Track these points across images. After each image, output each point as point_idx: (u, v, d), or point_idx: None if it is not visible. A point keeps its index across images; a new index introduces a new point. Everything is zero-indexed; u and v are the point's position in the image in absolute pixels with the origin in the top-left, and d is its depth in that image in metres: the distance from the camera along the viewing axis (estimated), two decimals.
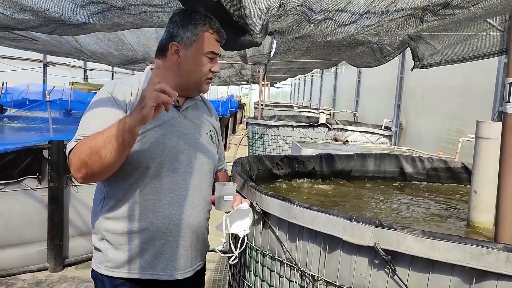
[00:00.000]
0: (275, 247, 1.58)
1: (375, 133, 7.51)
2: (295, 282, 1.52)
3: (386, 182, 2.98)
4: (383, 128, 8.16)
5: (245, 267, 1.79)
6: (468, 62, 4.12)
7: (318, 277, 1.43)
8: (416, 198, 2.56)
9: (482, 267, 1.11)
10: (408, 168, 3.06)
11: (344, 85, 15.38)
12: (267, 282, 1.64)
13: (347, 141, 6.26)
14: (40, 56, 11.22)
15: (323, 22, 2.52)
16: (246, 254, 1.76)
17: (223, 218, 1.57)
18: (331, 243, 1.38)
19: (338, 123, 8.58)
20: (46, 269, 3.95)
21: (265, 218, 1.61)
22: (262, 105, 11.24)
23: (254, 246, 1.70)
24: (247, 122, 9.18)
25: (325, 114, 8.55)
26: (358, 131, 7.46)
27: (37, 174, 3.83)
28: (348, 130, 7.50)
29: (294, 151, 5.03)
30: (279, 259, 1.58)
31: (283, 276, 1.56)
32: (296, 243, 1.50)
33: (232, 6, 1.98)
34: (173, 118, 1.62)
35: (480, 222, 1.95)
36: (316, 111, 13.34)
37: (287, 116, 10.59)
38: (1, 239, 3.72)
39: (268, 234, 1.61)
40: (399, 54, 5.01)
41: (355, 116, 12.33)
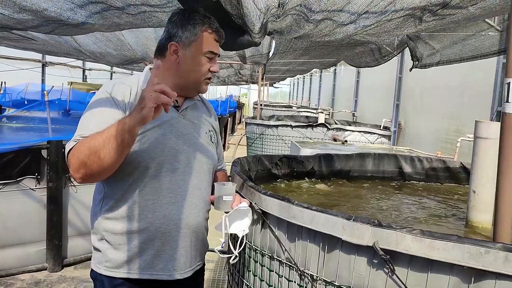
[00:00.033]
0: (274, 246, 1.58)
1: (374, 133, 7.52)
2: (294, 282, 1.52)
3: (385, 182, 2.98)
4: (382, 128, 8.16)
5: (244, 267, 1.79)
6: (466, 62, 4.12)
7: (317, 276, 1.43)
8: (415, 198, 2.56)
9: (480, 267, 1.11)
10: (407, 168, 3.06)
11: (343, 85, 15.39)
12: (266, 282, 1.64)
13: (346, 141, 6.26)
14: (38, 56, 11.20)
15: (322, 22, 2.52)
16: (245, 254, 1.76)
17: (222, 218, 1.57)
18: (330, 242, 1.38)
19: (337, 123, 8.59)
20: (45, 269, 3.95)
21: (264, 218, 1.61)
22: (261, 105, 11.24)
23: (253, 246, 1.70)
24: (246, 122, 9.18)
25: (324, 114, 8.55)
26: (357, 131, 7.46)
27: (36, 174, 3.83)
28: (347, 130, 7.50)
29: (293, 151, 5.03)
30: (278, 258, 1.58)
31: (282, 276, 1.57)
32: (295, 243, 1.50)
33: (231, 6, 1.98)
34: (172, 118, 1.62)
35: (478, 221, 1.95)
36: (315, 111, 13.35)
37: (286, 116, 10.59)
38: (0, 239, 3.71)
39: (267, 234, 1.61)
40: (398, 54, 5.02)
41: (354, 116, 12.34)
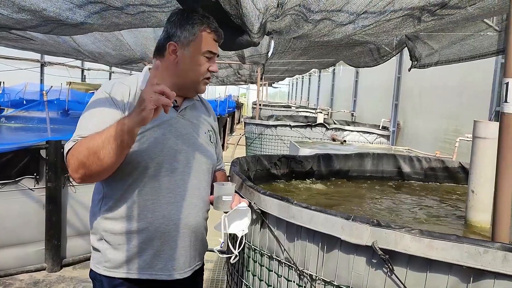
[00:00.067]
0: (273, 246, 1.59)
1: (373, 133, 7.53)
2: (293, 282, 1.52)
3: (383, 182, 2.98)
4: (380, 128, 8.17)
5: (243, 266, 1.79)
6: (465, 62, 4.13)
7: (316, 276, 1.43)
8: (413, 198, 2.56)
9: (479, 266, 1.12)
10: (406, 168, 3.07)
11: (342, 85, 15.40)
12: (265, 282, 1.64)
13: (344, 141, 6.27)
14: (37, 56, 11.19)
15: (321, 22, 2.52)
16: (244, 253, 1.76)
17: (221, 218, 1.57)
18: (329, 242, 1.38)
19: (336, 123, 8.59)
20: (44, 269, 3.94)
21: (263, 217, 1.61)
22: (260, 105, 11.24)
23: (252, 246, 1.70)
24: (245, 122, 9.18)
25: (323, 114, 8.56)
26: (356, 131, 7.47)
27: (34, 174, 3.82)
28: (346, 130, 7.51)
29: (292, 151, 5.03)
30: (277, 258, 1.58)
31: (281, 276, 1.57)
32: (294, 243, 1.50)
33: (230, 6, 1.98)
34: (171, 118, 1.62)
35: (477, 221, 1.95)
36: (314, 111, 13.35)
37: (285, 116, 10.59)
38: None
39: (266, 234, 1.61)
40: (396, 54, 5.03)
41: (352, 116, 12.35)
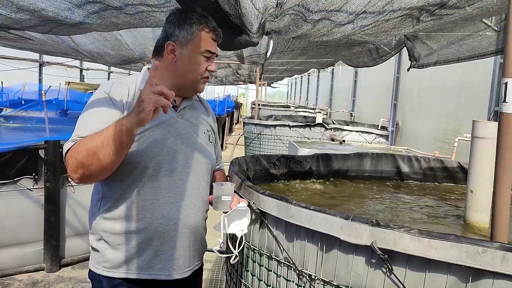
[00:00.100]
0: (273, 246, 1.59)
1: (372, 132, 7.53)
2: (293, 282, 1.52)
3: (382, 182, 2.98)
4: (379, 128, 8.18)
5: (242, 266, 1.79)
6: (464, 62, 4.14)
7: (315, 276, 1.43)
8: (412, 198, 2.57)
9: (478, 266, 1.12)
10: (405, 168, 3.07)
11: (341, 85, 15.40)
12: (264, 282, 1.64)
13: (343, 140, 6.27)
14: (36, 56, 11.17)
15: (320, 22, 2.53)
16: (243, 253, 1.76)
17: (221, 218, 1.57)
18: (328, 242, 1.38)
19: (335, 123, 8.60)
20: (43, 269, 3.94)
21: (262, 217, 1.61)
22: (259, 105, 11.24)
23: (252, 246, 1.70)
24: (244, 122, 9.18)
25: (321, 114, 8.57)
26: (355, 131, 7.47)
27: (33, 174, 3.82)
28: (345, 130, 7.51)
29: (291, 150, 5.03)
30: (276, 258, 1.58)
31: (281, 276, 1.57)
32: (293, 243, 1.50)
33: (229, 6, 1.98)
34: (170, 118, 1.61)
35: (476, 221, 1.95)
36: (312, 111, 13.36)
37: (284, 116, 10.59)
38: None
39: (265, 234, 1.61)
40: (395, 54, 5.02)
41: (351, 116, 12.36)
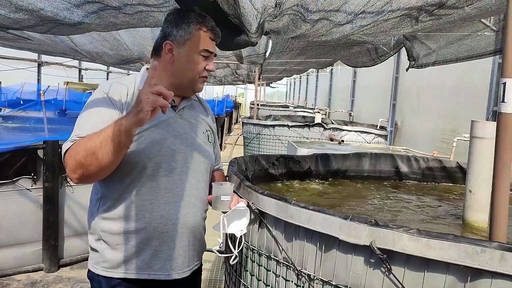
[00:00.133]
0: (272, 246, 1.59)
1: (371, 132, 7.54)
2: (291, 282, 1.52)
3: (381, 182, 2.99)
4: (378, 127, 8.18)
5: (241, 266, 1.79)
6: (462, 62, 4.14)
7: (314, 276, 1.44)
8: (411, 198, 2.57)
9: (476, 266, 1.12)
10: (404, 168, 3.07)
11: (340, 85, 15.41)
12: (263, 282, 1.64)
13: (342, 140, 6.28)
14: (34, 56, 11.17)
15: (319, 22, 2.53)
16: (242, 253, 1.76)
17: (220, 218, 1.57)
18: (327, 242, 1.38)
19: (334, 123, 8.60)
20: (41, 269, 3.94)
21: (261, 217, 1.61)
22: (258, 104, 11.24)
23: (251, 246, 1.70)
24: (243, 122, 9.18)
25: (320, 114, 8.57)
26: (354, 131, 7.48)
27: (32, 174, 3.81)
28: (344, 130, 7.52)
29: (289, 150, 5.03)
30: (275, 258, 1.58)
31: (280, 276, 1.57)
32: (292, 243, 1.51)
33: (228, 6, 1.98)
34: (169, 118, 1.61)
35: (474, 221, 1.95)
36: (311, 111, 13.36)
37: (282, 116, 10.58)
38: None
39: (264, 234, 1.62)
40: (394, 54, 5.03)
41: (350, 116, 12.36)
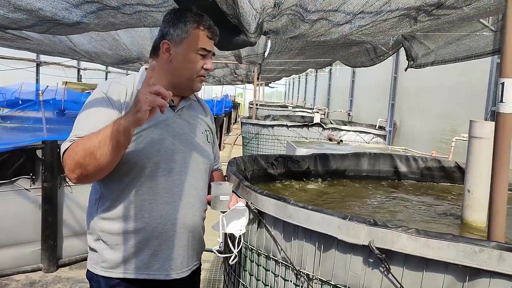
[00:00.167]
0: (270, 246, 1.59)
1: (369, 132, 7.54)
2: (290, 281, 1.52)
3: (380, 182, 2.99)
4: (377, 127, 8.18)
5: (240, 266, 1.79)
6: (461, 62, 4.14)
7: (313, 276, 1.44)
8: (410, 197, 2.57)
9: (475, 265, 1.12)
10: (402, 168, 3.08)
11: (339, 84, 15.41)
12: (262, 281, 1.64)
13: (341, 140, 6.27)
14: (33, 56, 11.13)
15: (318, 22, 2.53)
16: (241, 253, 1.76)
17: (219, 217, 1.57)
18: (326, 242, 1.39)
19: (333, 123, 8.59)
20: (40, 269, 3.93)
21: (260, 217, 1.61)
22: (257, 104, 11.24)
23: (249, 246, 1.70)
24: (242, 122, 9.18)
25: (319, 114, 8.56)
26: (353, 131, 7.48)
27: (30, 174, 3.81)
28: (343, 130, 7.51)
29: (288, 150, 5.03)
30: (274, 258, 1.58)
31: (278, 275, 1.57)
32: (291, 242, 1.51)
33: (227, 6, 1.98)
34: (168, 118, 1.61)
35: (473, 220, 1.96)
36: (310, 111, 13.36)
37: (281, 116, 10.57)
38: None
39: (263, 234, 1.62)
40: (393, 54, 5.04)
41: (349, 115, 12.36)
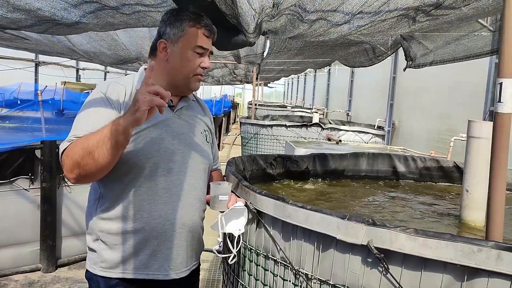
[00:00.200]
0: (269, 246, 1.59)
1: (368, 132, 7.54)
2: (289, 281, 1.52)
3: (379, 181, 2.99)
4: (376, 127, 8.18)
5: (239, 266, 1.79)
6: (460, 62, 4.15)
7: (312, 275, 1.44)
8: (408, 197, 2.58)
9: (473, 265, 1.13)
10: (401, 168, 3.08)
11: (337, 84, 15.42)
12: (261, 281, 1.65)
13: (340, 140, 6.28)
14: (32, 56, 11.12)
15: (317, 22, 2.53)
16: (240, 253, 1.76)
17: (218, 217, 1.57)
18: (324, 242, 1.39)
19: (331, 123, 8.60)
20: (39, 269, 3.93)
21: (259, 217, 1.61)
22: (256, 104, 11.24)
23: (248, 246, 1.70)
24: (241, 122, 9.17)
25: (318, 114, 8.56)
26: (351, 131, 7.47)
27: (29, 175, 3.80)
28: (341, 130, 7.51)
29: (287, 150, 5.04)
30: (273, 258, 1.58)
31: (277, 275, 1.57)
32: (290, 242, 1.51)
33: (226, 6, 1.98)
34: (167, 118, 1.61)
35: (471, 220, 1.96)
36: (309, 111, 13.36)
37: (280, 116, 10.58)
38: None
39: (262, 233, 1.62)
40: (391, 54, 5.04)
41: (348, 115, 12.37)
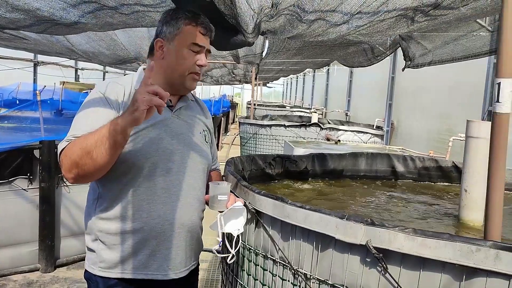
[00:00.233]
0: (268, 246, 1.59)
1: (367, 132, 7.54)
2: (288, 281, 1.52)
3: (378, 181, 3.00)
4: (374, 127, 8.19)
5: (238, 266, 1.79)
6: (458, 62, 4.15)
7: (310, 275, 1.44)
8: (407, 197, 2.58)
9: (472, 265, 1.13)
10: (400, 167, 3.08)
11: (336, 84, 15.44)
12: (260, 281, 1.65)
13: (339, 140, 6.28)
14: (30, 56, 11.10)
15: (315, 22, 2.53)
16: (239, 253, 1.76)
17: (217, 217, 1.57)
18: (323, 241, 1.39)
19: (330, 123, 8.61)
20: (38, 269, 3.93)
21: (258, 217, 1.62)
22: (255, 104, 11.25)
23: (247, 245, 1.70)
24: (240, 122, 9.18)
25: (317, 114, 8.57)
26: (350, 131, 7.48)
27: (28, 175, 3.80)
28: (340, 130, 7.52)
29: (286, 150, 5.04)
30: (272, 258, 1.58)
31: (276, 275, 1.57)
32: (289, 242, 1.51)
33: (224, 6, 1.98)
34: (166, 118, 1.61)
35: (470, 220, 1.97)
36: (308, 111, 13.37)
37: (279, 116, 10.59)
38: None
39: (261, 233, 1.62)
40: (390, 54, 5.04)
41: (347, 115, 12.39)
